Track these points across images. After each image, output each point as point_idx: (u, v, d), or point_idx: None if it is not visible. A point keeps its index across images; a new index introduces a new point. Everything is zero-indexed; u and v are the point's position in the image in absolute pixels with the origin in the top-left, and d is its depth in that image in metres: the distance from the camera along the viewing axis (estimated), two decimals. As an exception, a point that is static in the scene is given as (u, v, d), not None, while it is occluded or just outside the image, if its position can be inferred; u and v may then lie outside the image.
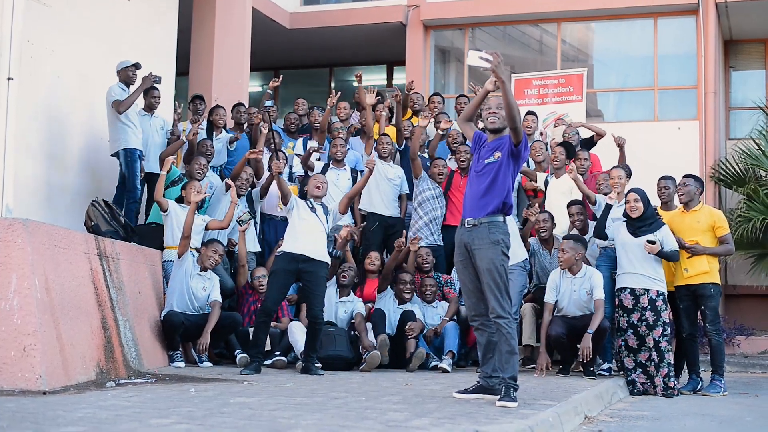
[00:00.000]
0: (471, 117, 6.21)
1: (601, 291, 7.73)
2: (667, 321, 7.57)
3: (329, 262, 7.63)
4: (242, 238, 8.72)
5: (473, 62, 5.47)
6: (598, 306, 7.69)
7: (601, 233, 7.92)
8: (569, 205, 8.47)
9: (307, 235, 7.44)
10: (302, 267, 7.40)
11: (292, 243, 7.46)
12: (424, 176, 9.22)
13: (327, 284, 8.32)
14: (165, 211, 8.30)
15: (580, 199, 8.63)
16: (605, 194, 8.33)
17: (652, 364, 7.53)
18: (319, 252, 7.47)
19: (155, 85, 9.31)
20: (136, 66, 9.18)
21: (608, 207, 7.89)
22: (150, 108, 9.43)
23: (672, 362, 7.62)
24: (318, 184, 7.71)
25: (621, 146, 9.23)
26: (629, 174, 8.32)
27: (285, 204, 7.57)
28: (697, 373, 7.97)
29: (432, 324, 8.51)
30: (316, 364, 7.49)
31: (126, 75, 9.12)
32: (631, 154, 9.26)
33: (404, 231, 8.82)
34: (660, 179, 8.15)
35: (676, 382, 7.64)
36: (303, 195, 9.60)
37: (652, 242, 7.45)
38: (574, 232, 8.38)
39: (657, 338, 7.51)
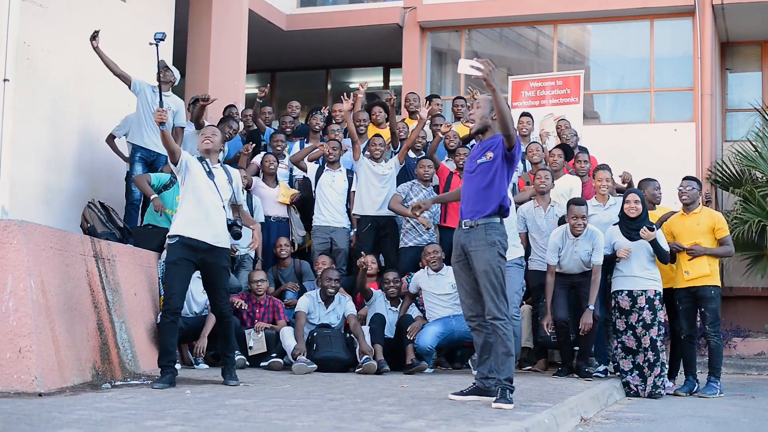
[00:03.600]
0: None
1: (600, 256, 7.71)
2: (663, 321, 7.59)
3: (230, 247, 6.68)
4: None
5: (464, 70, 5.47)
6: (596, 271, 7.70)
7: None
8: (569, 204, 8.45)
9: (206, 214, 6.36)
10: (202, 257, 6.36)
11: (188, 226, 6.34)
12: (409, 184, 9.13)
13: (312, 294, 8.26)
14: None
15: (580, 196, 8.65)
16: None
17: (647, 364, 7.54)
18: (221, 237, 6.43)
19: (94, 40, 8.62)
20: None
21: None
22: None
23: (666, 362, 7.63)
24: (207, 136, 6.52)
25: (629, 182, 8.80)
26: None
27: (174, 164, 6.36)
28: (694, 375, 7.98)
29: (441, 287, 8.27)
30: (233, 371, 6.57)
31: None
32: (628, 156, 9.24)
33: (363, 252, 8.60)
34: (652, 181, 8.24)
35: (665, 382, 7.64)
36: (307, 203, 9.55)
37: (651, 229, 7.44)
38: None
39: (654, 337, 7.51)
